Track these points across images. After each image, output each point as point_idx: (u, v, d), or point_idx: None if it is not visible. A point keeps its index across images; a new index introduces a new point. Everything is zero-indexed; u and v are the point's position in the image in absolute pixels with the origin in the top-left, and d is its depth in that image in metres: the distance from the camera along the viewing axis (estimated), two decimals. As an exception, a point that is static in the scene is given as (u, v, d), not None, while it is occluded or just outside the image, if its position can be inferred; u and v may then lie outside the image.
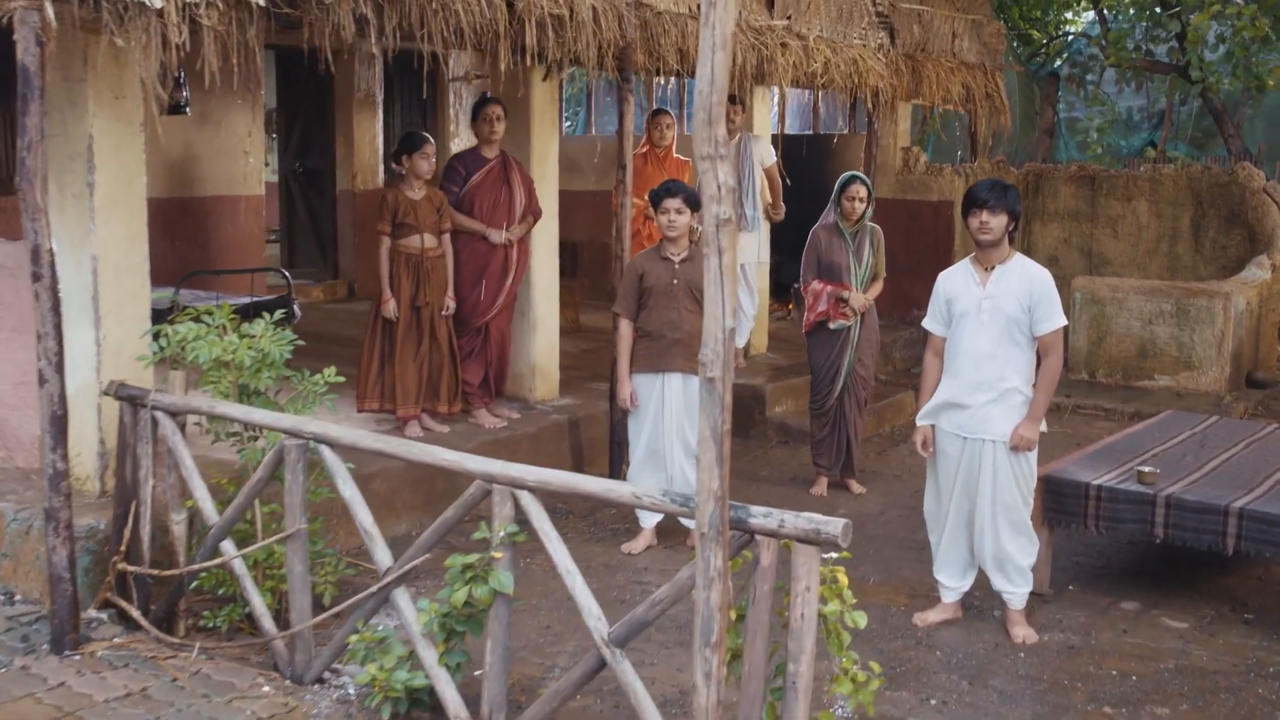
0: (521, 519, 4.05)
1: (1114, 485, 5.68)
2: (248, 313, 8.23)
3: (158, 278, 8.61)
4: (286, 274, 8.25)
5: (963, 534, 5.47)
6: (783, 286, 11.74)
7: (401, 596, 4.37)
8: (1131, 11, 14.77)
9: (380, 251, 6.98)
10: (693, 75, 8.24)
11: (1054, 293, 5.26)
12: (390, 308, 6.94)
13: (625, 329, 6.37)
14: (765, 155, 9.38)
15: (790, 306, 11.97)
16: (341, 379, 5.24)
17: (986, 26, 12.03)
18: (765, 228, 9.56)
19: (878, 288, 7.40)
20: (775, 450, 8.65)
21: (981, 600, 5.68)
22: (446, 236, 7.16)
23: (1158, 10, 14.46)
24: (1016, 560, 5.37)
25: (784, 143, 12.00)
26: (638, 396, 6.37)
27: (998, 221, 5.21)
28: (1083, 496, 5.70)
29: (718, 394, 3.23)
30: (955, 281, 5.41)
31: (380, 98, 12.42)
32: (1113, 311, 10.60)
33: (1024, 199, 12.33)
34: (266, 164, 11.93)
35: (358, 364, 7.04)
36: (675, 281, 6.29)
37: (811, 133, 12.86)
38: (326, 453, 4.55)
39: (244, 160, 11.11)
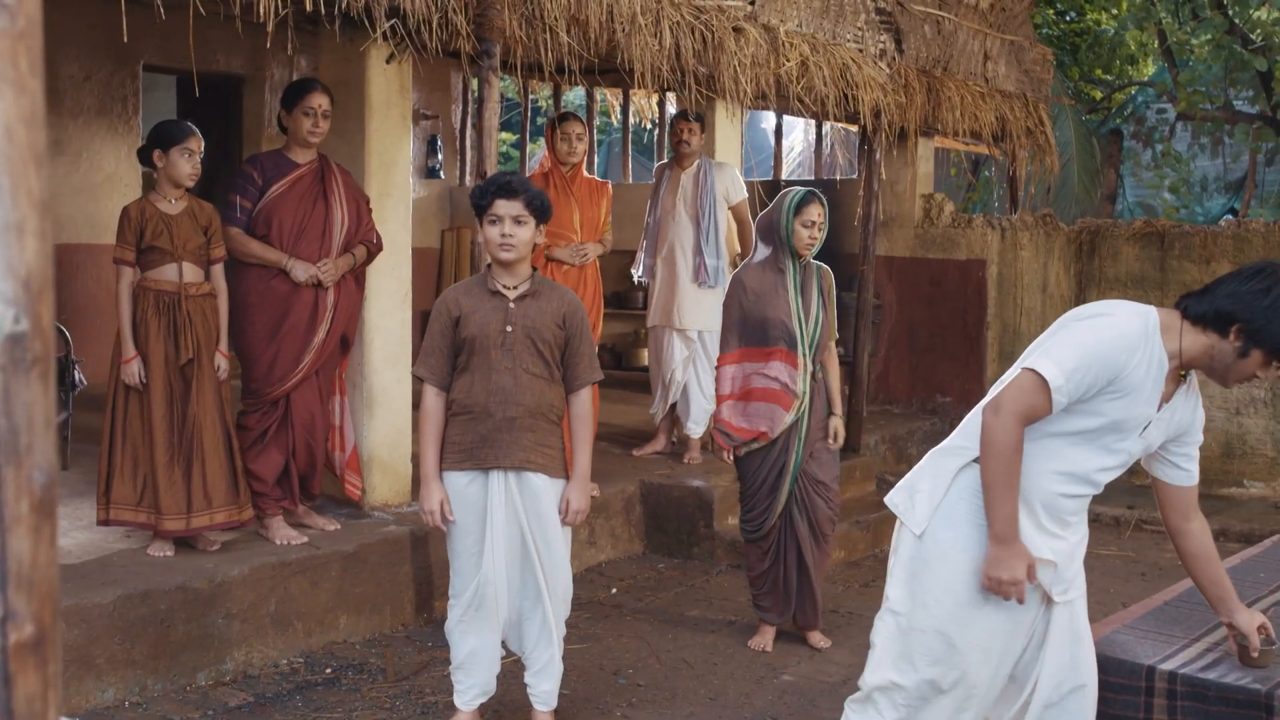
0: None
1: (1198, 674, 3.32)
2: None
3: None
4: (65, 331, 6.15)
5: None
6: None
7: None
8: (1207, 51, 12.48)
9: (119, 288, 4.86)
10: (599, 60, 6.10)
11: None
12: (134, 369, 4.82)
13: (432, 401, 4.12)
14: (732, 190, 7.18)
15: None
16: None
17: (1029, 51, 9.83)
18: (733, 283, 7.32)
19: (834, 360, 5.12)
20: (721, 577, 6.32)
21: None
22: (220, 269, 5.04)
23: (1237, 48, 12.17)
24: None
25: (766, 188, 9.84)
26: (451, 507, 4.14)
27: None
28: (1142, 691, 3.35)
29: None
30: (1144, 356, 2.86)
31: (299, 135, 10.43)
32: (1189, 398, 8.21)
33: (1077, 261, 9.97)
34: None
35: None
36: (510, 329, 4.06)
37: (814, 177, 10.66)
38: None
39: (111, 202, 9.12)
